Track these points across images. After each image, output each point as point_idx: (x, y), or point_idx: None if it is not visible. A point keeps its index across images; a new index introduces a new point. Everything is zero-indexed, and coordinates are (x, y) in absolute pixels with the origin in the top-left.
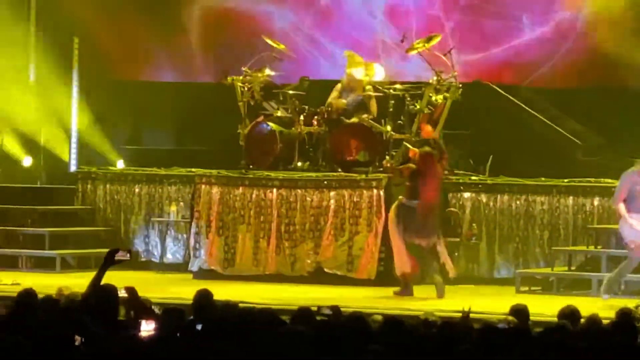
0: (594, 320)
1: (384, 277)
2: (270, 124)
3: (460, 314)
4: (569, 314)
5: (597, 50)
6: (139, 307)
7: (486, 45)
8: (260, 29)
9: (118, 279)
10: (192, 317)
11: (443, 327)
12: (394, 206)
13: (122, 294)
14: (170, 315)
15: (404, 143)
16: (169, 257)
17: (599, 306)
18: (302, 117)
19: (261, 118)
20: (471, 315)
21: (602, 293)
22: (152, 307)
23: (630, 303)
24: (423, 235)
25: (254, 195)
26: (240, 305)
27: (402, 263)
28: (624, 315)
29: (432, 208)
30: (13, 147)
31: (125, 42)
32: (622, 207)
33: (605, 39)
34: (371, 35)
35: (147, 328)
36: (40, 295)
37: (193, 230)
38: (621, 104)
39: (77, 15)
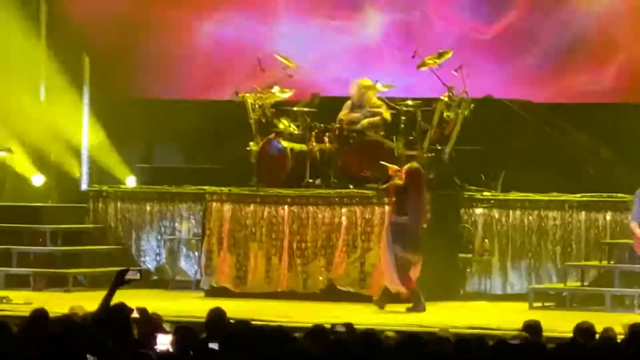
0: (608, 336)
1: (397, 293)
2: (282, 141)
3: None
4: (585, 330)
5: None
6: (151, 327)
7: (498, 60)
8: (268, 47)
9: (130, 297)
10: (205, 335)
11: (457, 343)
12: (386, 225)
13: (134, 314)
14: (182, 333)
15: (381, 163)
16: (181, 275)
17: (612, 322)
18: (313, 134)
19: (272, 135)
20: (484, 331)
21: (637, 307)
22: (164, 325)
23: None
24: (415, 250)
25: (265, 213)
26: (253, 322)
27: (394, 281)
28: (637, 331)
29: (422, 223)
30: (24, 165)
31: (136, 60)
32: (634, 226)
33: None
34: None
35: (163, 342)
36: (52, 314)
37: (205, 248)
38: (634, 119)
39: (87, 33)
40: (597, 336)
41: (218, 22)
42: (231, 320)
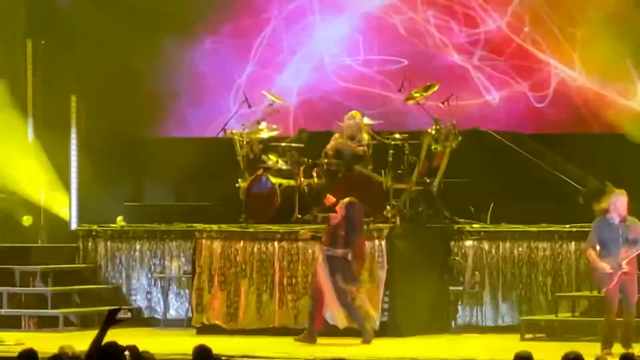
0: None
1: (388, 327)
2: (270, 177)
3: None
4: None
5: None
6: None
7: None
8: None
9: (122, 336)
10: None
11: None
12: (320, 257)
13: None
14: None
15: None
16: (172, 313)
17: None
18: (301, 169)
19: (260, 171)
20: None
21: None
22: None
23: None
24: (354, 282)
25: (255, 249)
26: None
27: (339, 314)
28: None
29: (364, 254)
30: (13, 206)
31: (124, 99)
32: (590, 253)
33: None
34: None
35: None
36: (42, 355)
37: (195, 285)
38: (622, 149)
39: (74, 72)
40: None
41: (205, 58)
42: (222, 358)
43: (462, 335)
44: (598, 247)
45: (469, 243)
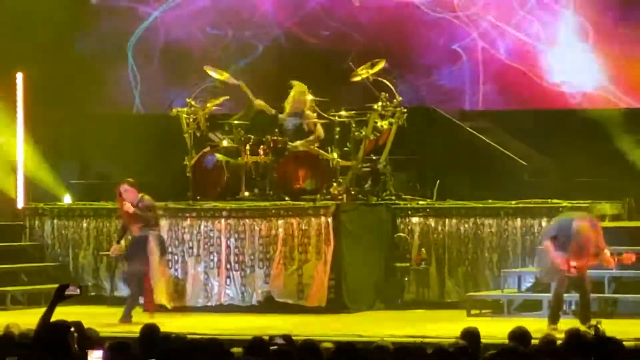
0: (547, 340)
1: (335, 304)
2: (217, 154)
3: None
4: (519, 336)
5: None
6: (87, 341)
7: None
8: (205, 58)
9: (68, 314)
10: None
11: (397, 352)
12: (156, 238)
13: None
14: (116, 349)
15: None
16: (120, 291)
17: (550, 327)
18: (248, 147)
19: (207, 149)
20: (422, 340)
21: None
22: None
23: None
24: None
25: (202, 227)
26: (190, 337)
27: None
28: (574, 335)
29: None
30: None
31: (70, 75)
32: (549, 245)
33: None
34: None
35: (96, 358)
36: None
37: None
38: (566, 126)
39: (19, 49)
40: (534, 342)
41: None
42: (167, 335)
43: (408, 311)
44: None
45: (415, 220)
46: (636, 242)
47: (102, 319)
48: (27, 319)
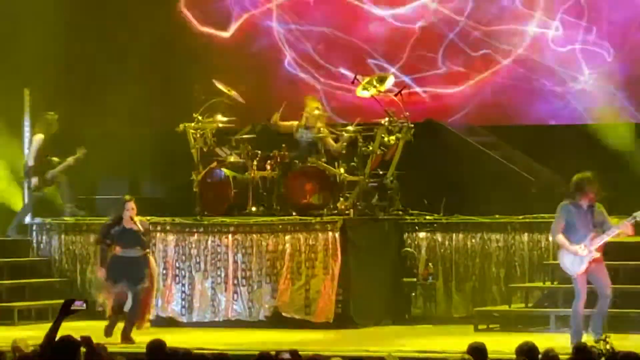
0: (551, 356)
1: (342, 319)
2: (224, 169)
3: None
4: (527, 351)
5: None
6: (96, 357)
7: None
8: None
9: (76, 329)
10: None
11: None
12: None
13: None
14: None
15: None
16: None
17: (557, 342)
18: (255, 162)
19: (214, 164)
20: (430, 355)
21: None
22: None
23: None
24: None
25: (209, 242)
26: (197, 352)
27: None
28: (581, 350)
29: None
30: None
31: (78, 92)
32: (559, 238)
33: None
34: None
35: None
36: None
37: None
38: (574, 140)
39: (27, 66)
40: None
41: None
42: (175, 351)
43: (416, 326)
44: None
45: (422, 235)
46: None
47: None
48: (34, 334)
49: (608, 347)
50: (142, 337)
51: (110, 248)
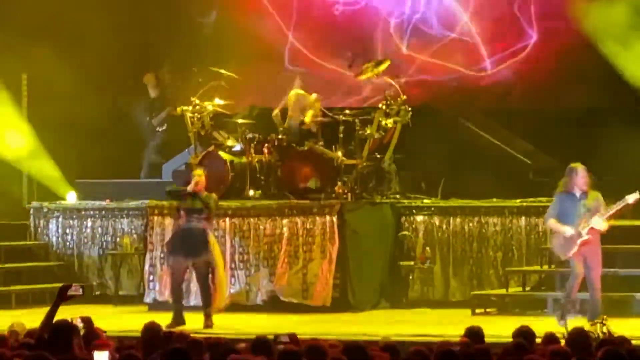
0: (550, 338)
1: (340, 303)
2: (221, 153)
3: None
4: (525, 334)
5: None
6: (95, 336)
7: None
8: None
9: (73, 313)
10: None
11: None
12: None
13: (78, 323)
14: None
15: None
16: (124, 290)
17: (554, 326)
18: (252, 146)
19: (212, 148)
20: (427, 338)
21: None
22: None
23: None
24: None
25: None
26: (194, 335)
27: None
28: (578, 334)
29: None
30: None
31: (75, 76)
32: (551, 223)
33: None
34: None
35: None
36: None
37: (147, 262)
38: (571, 125)
39: (25, 51)
40: (538, 340)
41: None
42: (174, 334)
43: (413, 310)
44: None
45: (419, 218)
46: None
47: (106, 318)
48: (31, 318)
49: (605, 329)
50: (138, 321)
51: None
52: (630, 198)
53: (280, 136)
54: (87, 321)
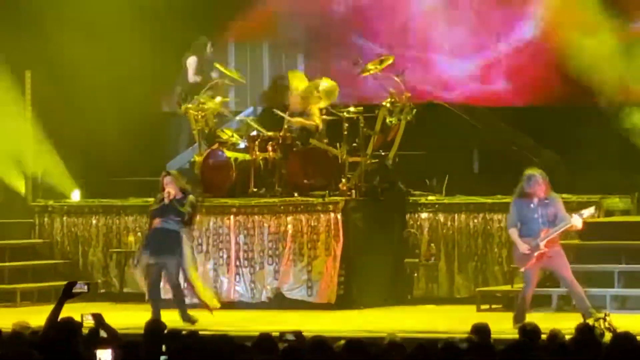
0: (555, 335)
1: (344, 300)
2: (225, 151)
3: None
4: (529, 331)
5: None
6: (107, 332)
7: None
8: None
9: (78, 311)
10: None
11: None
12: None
13: (89, 320)
14: (126, 349)
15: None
16: (129, 288)
17: (560, 322)
18: (256, 144)
19: (216, 145)
20: (432, 335)
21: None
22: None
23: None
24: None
25: (211, 223)
26: (201, 333)
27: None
28: (584, 330)
29: None
30: None
31: (79, 73)
32: (512, 232)
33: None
34: None
35: (104, 357)
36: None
37: None
38: (574, 121)
39: (28, 47)
40: (543, 336)
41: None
42: (180, 332)
43: (418, 307)
44: (519, 226)
45: (424, 215)
46: None
47: (111, 316)
48: (36, 316)
49: (607, 325)
50: (143, 319)
51: None
52: (577, 220)
53: (285, 134)
54: (97, 318)
